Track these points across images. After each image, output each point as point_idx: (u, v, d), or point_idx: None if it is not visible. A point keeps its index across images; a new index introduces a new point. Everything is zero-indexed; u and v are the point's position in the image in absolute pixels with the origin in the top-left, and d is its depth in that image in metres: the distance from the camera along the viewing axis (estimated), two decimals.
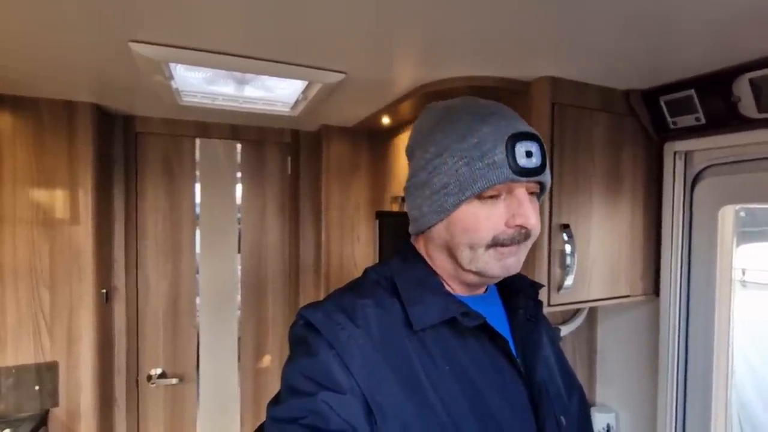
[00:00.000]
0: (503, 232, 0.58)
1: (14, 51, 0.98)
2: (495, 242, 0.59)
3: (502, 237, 0.58)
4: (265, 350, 1.94)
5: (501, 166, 0.56)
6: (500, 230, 0.58)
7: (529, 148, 0.57)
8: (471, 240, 0.59)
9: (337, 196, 1.83)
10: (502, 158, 0.56)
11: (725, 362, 1.15)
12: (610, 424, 1.40)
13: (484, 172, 0.56)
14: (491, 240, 0.59)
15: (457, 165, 0.58)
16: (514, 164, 0.56)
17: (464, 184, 0.58)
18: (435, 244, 0.65)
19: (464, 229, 0.59)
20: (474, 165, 0.57)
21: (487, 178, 0.56)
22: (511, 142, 0.57)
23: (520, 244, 0.60)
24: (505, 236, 0.58)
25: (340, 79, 1.09)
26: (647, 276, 1.25)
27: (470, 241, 0.59)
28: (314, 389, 0.53)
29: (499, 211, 0.59)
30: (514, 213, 0.58)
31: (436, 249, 0.65)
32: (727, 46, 0.86)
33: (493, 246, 0.59)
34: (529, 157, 0.57)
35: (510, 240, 0.59)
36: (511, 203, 0.59)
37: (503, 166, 0.56)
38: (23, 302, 1.39)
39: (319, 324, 0.58)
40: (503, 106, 0.65)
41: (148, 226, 1.73)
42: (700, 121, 1.07)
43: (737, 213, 1.16)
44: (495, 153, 0.56)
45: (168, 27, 0.83)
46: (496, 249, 0.59)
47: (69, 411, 1.44)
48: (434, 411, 0.56)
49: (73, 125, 1.42)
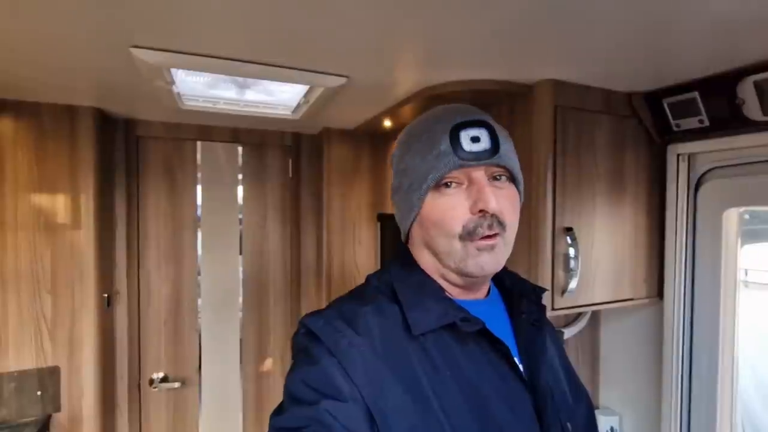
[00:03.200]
0: (471, 220, 0.59)
1: (16, 56, 0.98)
2: (466, 231, 0.59)
3: (471, 225, 0.59)
4: (267, 353, 1.93)
5: (447, 154, 0.59)
6: (467, 218, 0.59)
7: (475, 134, 0.59)
8: (442, 232, 0.60)
9: (338, 198, 1.82)
10: (447, 146, 0.59)
11: (730, 365, 1.15)
12: (613, 428, 1.39)
13: (435, 163, 0.59)
14: (461, 230, 0.59)
15: (414, 162, 0.62)
16: (460, 150, 0.58)
17: (421, 178, 0.61)
18: (417, 245, 0.67)
19: (433, 223, 0.61)
20: (426, 158, 0.60)
21: (436, 168, 0.59)
22: (456, 130, 0.59)
23: (496, 238, 0.60)
24: (473, 224, 0.59)
25: (342, 83, 1.08)
26: (651, 279, 1.25)
27: (441, 234, 0.61)
28: (316, 398, 0.53)
29: (461, 200, 0.60)
30: (475, 199, 0.59)
31: (420, 249, 0.66)
32: (731, 48, 0.85)
33: (467, 238, 0.59)
34: (475, 142, 0.59)
35: (479, 228, 0.59)
36: (472, 190, 0.60)
37: (449, 153, 0.58)
38: (25, 307, 1.38)
39: (320, 332, 0.58)
40: (468, 106, 0.66)
41: (149, 230, 1.73)
42: (704, 123, 1.06)
43: (741, 215, 1.15)
44: (441, 143, 0.59)
45: (169, 32, 0.83)
46: (471, 242, 0.59)
47: (71, 416, 1.43)
48: (437, 417, 0.55)
49: (75, 130, 1.42)
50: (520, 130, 1.13)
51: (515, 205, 0.63)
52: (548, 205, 1.07)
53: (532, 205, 1.09)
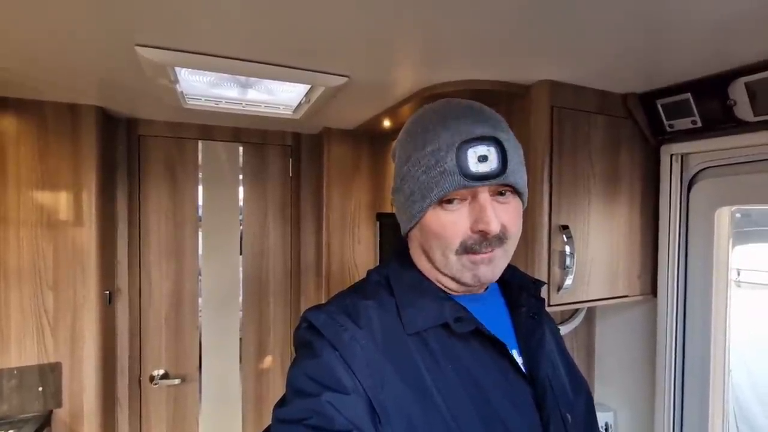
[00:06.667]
0: (470, 237, 0.58)
1: (20, 55, 1.00)
2: (464, 248, 0.59)
3: (470, 242, 0.58)
4: (267, 350, 1.95)
5: (452, 172, 0.56)
6: (467, 235, 0.58)
7: (483, 153, 0.57)
8: (440, 245, 0.60)
9: (338, 198, 1.84)
10: (452, 165, 0.56)
11: (722, 361, 1.17)
12: (608, 423, 1.41)
13: (438, 180, 0.57)
14: (459, 246, 0.59)
15: (418, 173, 0.59)
16: (467, 170, 0.56)
17: (424, 192, 0.59)
18: (415, 246, 0.67)
19: (434, 234, 0.60)
20: (430, 173, 0.58)
21: (440, 186, 0.57)
22: (464, 147, 0.56)
23: (495, 249, 0.59)
24: (472, 241, 0.58)
25: (343, 83, 1.10)
26: (645, 276, 1.27)
27: (440, 247, 0.60)
28: (318, 390, 0.54)
29: (463, 217, 0.59)
30: (476, 218, 0.58)
31: (417, 251, 0.66)
32: (723, 50, 0.87)
33: (464, 252, 0.59)
34: (483, 161, 0.56)
35: (479, 246, 0.58)
36: (474, 208, 0.58)
37: (454, 172, 0.56)
38: (27, 303, 1.39)
39: (322, 326, 0.59)
40: (475, 107, 0.63)
41: (151, 228, 1.74)
42: (697, 124, 1.08)
43: (733, 214, 1.18)
44: (446, 160, 0.57)
45: (174, 31, 0.85)
46: (468, 256, 0.59)
47: (72, 412, 1.44)
48: (438, 410, 0.56)
49: (77, 128, 1.43)
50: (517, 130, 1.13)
51: (518, 216, 0.63)
52: (544, 203, 1.09)
53: (529, 203, 1.09)
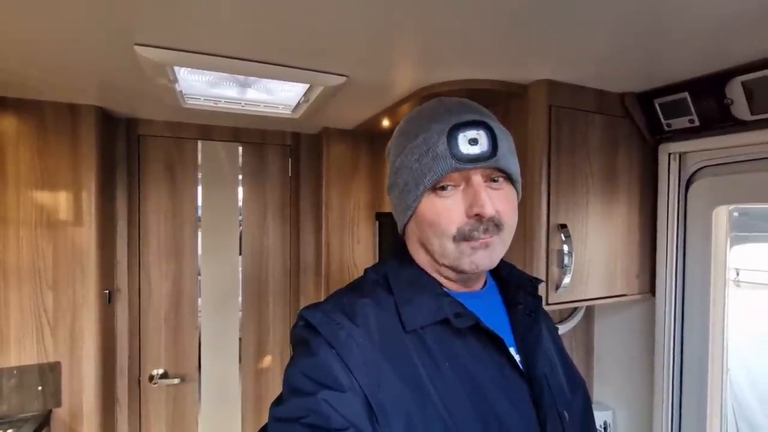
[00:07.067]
0: (466, 224, 0.59)
1: (19, 55, 1.00)
2: (461, 234, 0.59)
3: (467, 229, 0.59)
4: (266, 350, 1.95)
5: (444, 156, 0.57)
6: (463, 221, 0.59)
7: (473, 136, 0.58)
8: (436, 233, 0.61)
9: (337, 197, 1.84)
10: (444, 149, 0.58)
11: (720, 359, 1.17)
12: (606, 422, 1.41)
13: (431, 165, 0.58)
14: (456, 232, 0.59)
15: (411, 162, 0.61)
16: (458, 153, 0.57)
17: (418, 179, 0.60)
18: (412, 241, 0.67)
19: (429, 223, 0.61)
20: (422, 160, 0.59)
21: (433, 170, 0.58)
22: (453, 132, 0.58)
23: (492, 236, 0.60)
24: (469, 227, 0.59)
25: (342, 82, 1.10)
26: (643, 275, 1.27)
27: (436, 235, 0.61)
28: (315, 388, 0.54)
29: (457, 203, 0.59)
30: (471, 202, 0.58)
31: (415, 245, 0.67)
32: (719, 49, 0.88)
33: (461, 239, 0.59)
34: (473, 144, 0.58)
35: (476, 231, 0.59)
36: (468, 193, 0.59)
37: (446, 156, 0.57)
38: (26, 303, 1.39)
39: (319, 324, 0.59)
40: (465, 101, 0.65)
41: (150, 228, 1.75)
42: (694, 123, 1.09)
43: (731, 213, 1.18)
44: (438, 145, 0.58)
45: (173, 30, 0.85)
46: (465, 243, 0.59)
47: (71, 411, 1.44)
48: (436, 408, 0.56)
49: (77, 128, 1.44)
50: (515, 130, 1.13)
51: (513, 204, 0.63)
52: (543, 202, 1.09)
53: (527, 202, 1.11)
